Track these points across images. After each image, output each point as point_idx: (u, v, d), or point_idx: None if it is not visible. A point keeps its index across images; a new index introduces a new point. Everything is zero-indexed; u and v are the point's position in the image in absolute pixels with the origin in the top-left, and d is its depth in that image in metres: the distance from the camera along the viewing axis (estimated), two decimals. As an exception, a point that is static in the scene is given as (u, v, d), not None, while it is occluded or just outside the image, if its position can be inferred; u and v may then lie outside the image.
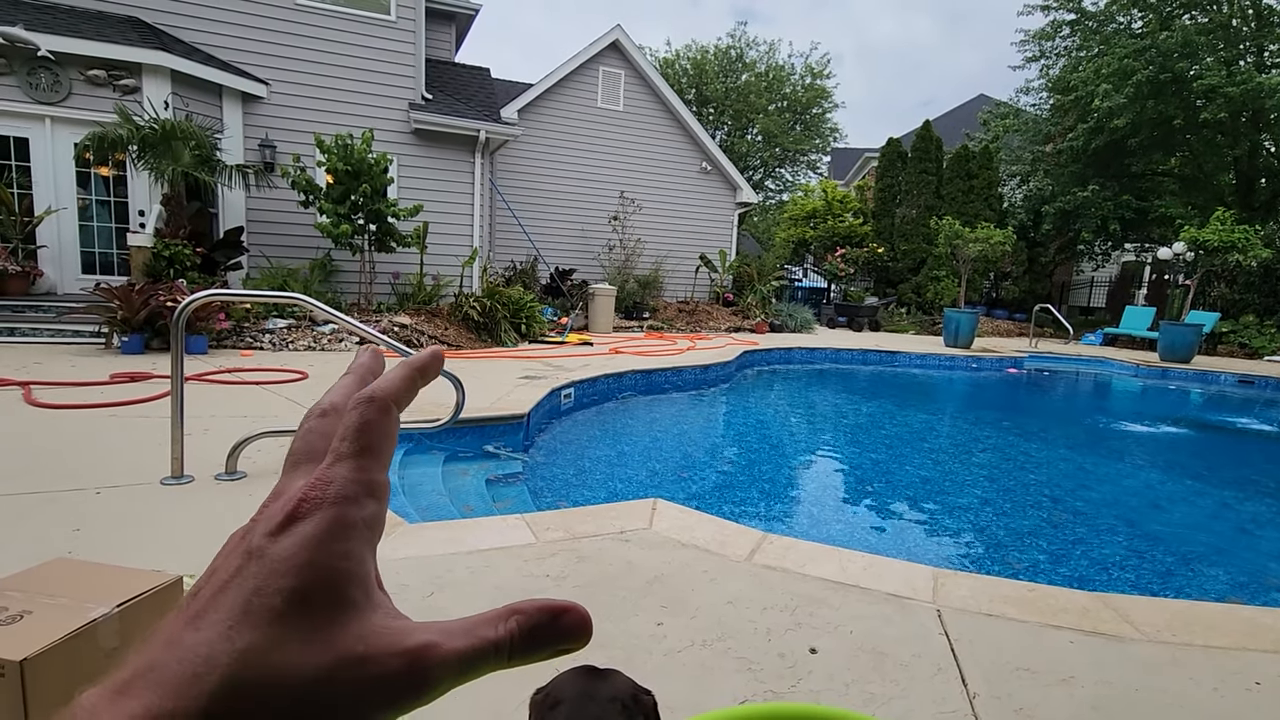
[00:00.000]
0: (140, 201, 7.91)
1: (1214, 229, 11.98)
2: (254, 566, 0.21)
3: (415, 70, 9.57)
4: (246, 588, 0.21)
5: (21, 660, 1.12)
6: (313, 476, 0.23)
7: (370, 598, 0.22)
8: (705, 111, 28.18)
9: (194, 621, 0.20)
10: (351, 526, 0.22)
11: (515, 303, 8.84)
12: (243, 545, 0.22)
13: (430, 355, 0.27)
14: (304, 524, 0.22)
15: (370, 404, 0.24)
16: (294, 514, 0.22)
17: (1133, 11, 15.16)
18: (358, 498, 0.23)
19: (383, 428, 0.24)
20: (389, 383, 0.26)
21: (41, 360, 5.39)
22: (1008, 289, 17.34)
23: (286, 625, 0.20)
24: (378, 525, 0.24)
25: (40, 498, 2.51)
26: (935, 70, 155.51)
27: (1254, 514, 4.13)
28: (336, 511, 0.22)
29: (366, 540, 0.23)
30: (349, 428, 0.24)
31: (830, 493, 4.39)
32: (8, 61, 7.30)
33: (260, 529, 0.22)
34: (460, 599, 1.91)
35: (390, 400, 0.25)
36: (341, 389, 0.27)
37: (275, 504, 0.23)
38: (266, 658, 0.20)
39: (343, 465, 0.23)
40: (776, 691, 1.56)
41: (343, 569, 0.22)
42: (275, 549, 0.21)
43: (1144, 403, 8.96)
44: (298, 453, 0.25)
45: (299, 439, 0.25)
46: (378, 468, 0.24)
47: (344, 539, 0.22)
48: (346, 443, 0.24)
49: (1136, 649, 1.82)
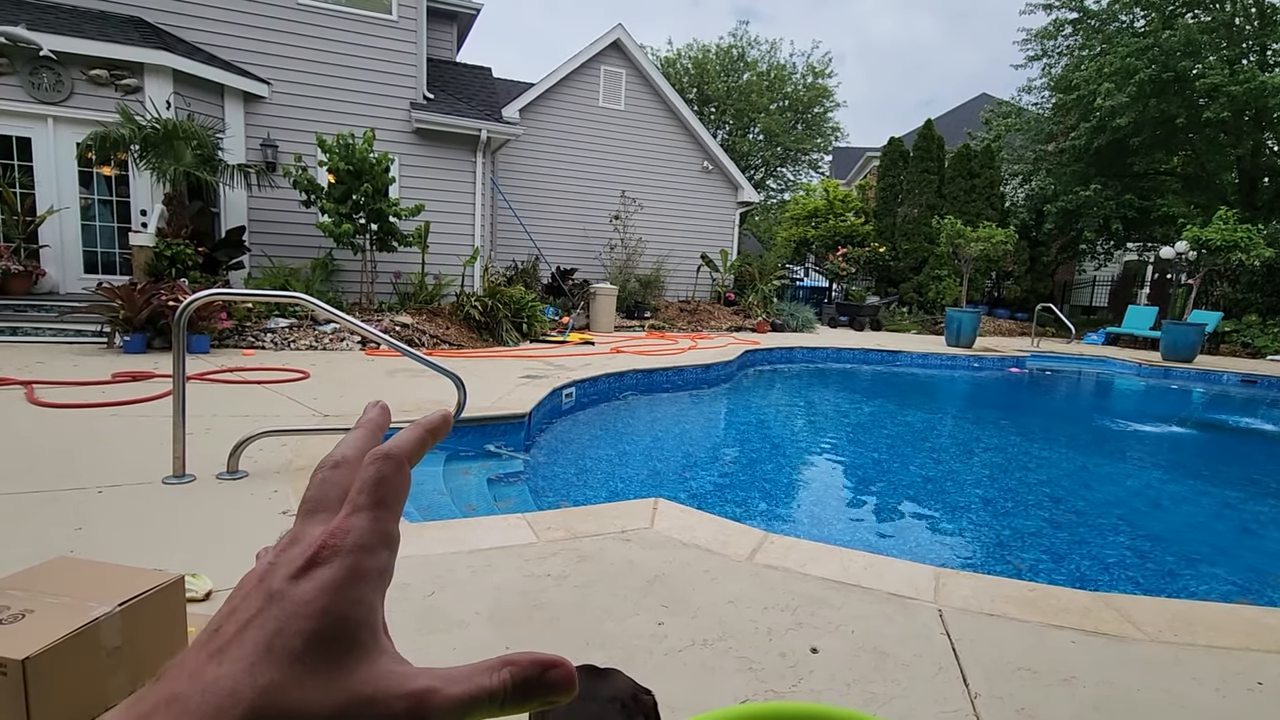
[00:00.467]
0: (142, 201, 7.92)
1: (1216, 228, 11.94)
2: (275, 609, 0.22)
3: (417, 70, 9.58)
4: (269, 628, 0.22)
5: (24, 659, 1.12)
6: (331, 525, 0.25)
7: (378, 642, 0.24)
8: (707, 111, 28.16)
9: (217, 656, 0.21)
10: (366, 575, 0.24)
11: (517, 302, 8.84)
12: (263, 587, 0.23)
13: (440, 418, 0.30)
14: (323, 570, 0.23)
15: (387, 460, 0.26)
16: (314, 559, 0.23)
17: (1135, 10, 15.12)
18: (373, 548, 0.24)
19: (397, 482, 0.26)
20: (403, 441, 0.28)
21: (44, 359, 5.41)
22: (1009, 288, 17.32)
23: (305, 665, 0.21)
24: (388, 574, 0.25)
25: (42, 496, 2.52)
26: (937, 69, 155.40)
27: (1257, 514, 4.12)
28: (354, 560, 0.24)
29: (378, 588, 0.24)
30: (366, 481, 0.26)
31: (832, 492, 4.39)
32: (10, 61, 7.31)
33: (281, 572, 0.23)
34: (461, 598, 1.91)
35: (404, 457, 0.27)
36: (353, 442, 0.29)
37: (294, 549, 0.24)
38: (286, 695, 0.21)
39: (360, 516, 0.25)
40: (778, 691, 1.56)
41: (356, 615, 0.23)
42: (296, 592, 0.23)
43: (1146, 402, 8.94)
44: (312, 501, 0.27)
45: (313, 488, 0.27)
46: (392, 519, 0.25)
47: (359, 586, 0.23)
48: (364, 495, 0.25)
49: (1138, 649, 1.82)
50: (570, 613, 1.86)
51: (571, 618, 1.84)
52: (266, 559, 0.24)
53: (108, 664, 1.29)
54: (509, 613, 1.84)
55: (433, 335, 7.66)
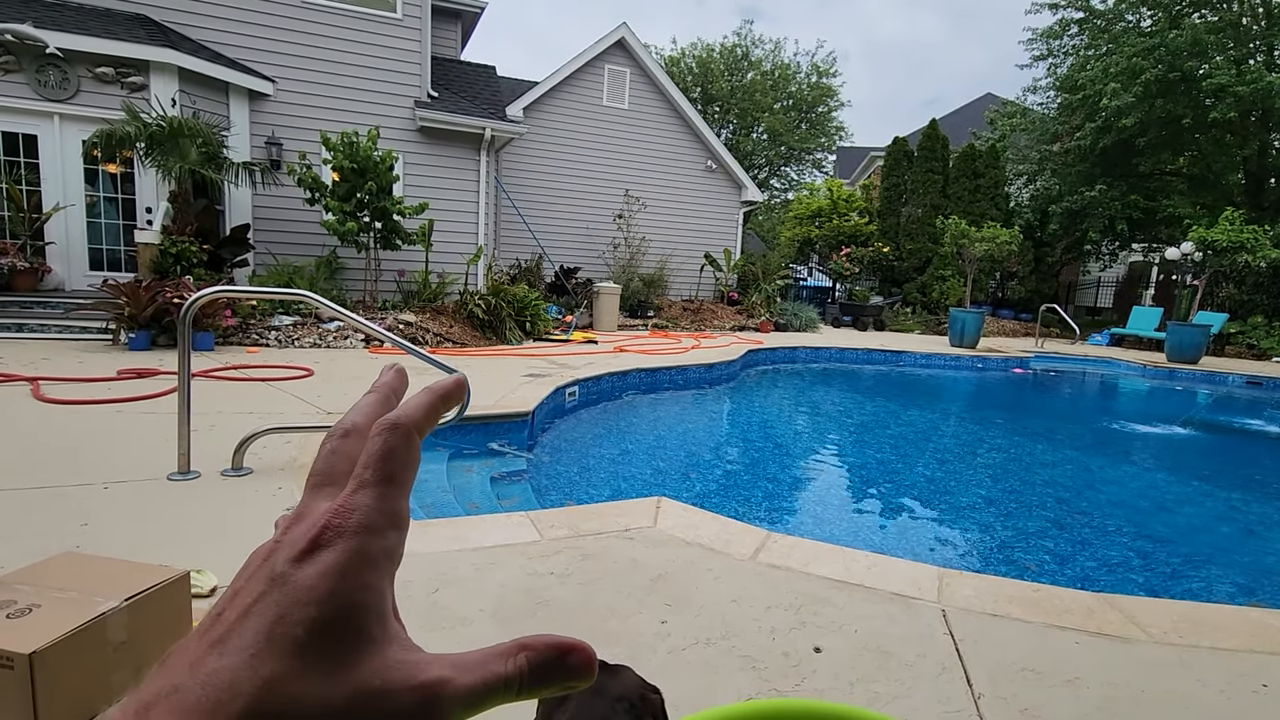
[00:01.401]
0: (147, 199, 7.94)
1: (1222, 229, 11.89)
2: (277, 594, 0.21)
3: (421, 68, 9.58)
4: (270, 615, 0.21)
5: (31, 653, 1.12)
6: (336, 503, 0.23)
7: (386, 630, 0.22)
8: (710, 110, 28.14)
9: (217, 645, 0.20)
10: (372, 557, 0.22)
11: (520, 301, 8.85)
12: (265, 568, 0.22)
13: (454, 383, 0.28)
14: (327, 552, 0.22)
15: (394, 431, 0.24)
16: (317, 540, 0.22)
17: (1141, 10, 15.05)
18: (380, 528, 0.23)
19: (405, 455, 0.24)
20: (412, 409, 0.26)
21: (49, 356, 5.43)
22: (1014, 289, 17.27)
23: (308, 656, 0.20)
24: (397, 555, 0.24)
25: (49, 492, 2.53)
26: (942, 69, 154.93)
27: (1262, 515, 4.10)
28: (359, 542, 0.22)
29: (386, 571, 0.23)
30: (372, 455, 0.24)
31: (835, 492, 4.38)
32: (16, 59, 7.34)
33: (284, 554, 0.22)
34: (464, 596, 1.91)
35: (413, 427, 0.25)
36: (364, 409, 0.27)
37: (298, 527, 0.23)
38: (288, 688, 0.20)
39: (365, 493, 0.23)
40: (781, 690, 1.56)
41: (362, 601, 0.22)
42: (299, 576, 0.21)
43: (1151, 403, 8.91)
44: (320, 474, 0.25)
45: (321, 460, 0.26)
46: (400, 496, 0.24)
47: (365, 570, 0.22)
48: (370, 470, 0.24)
49: (1143, 650, 1.81)
50: (574, 611, 1.87)
51: (575, 616, 1.84)
52: (274, 536, 0.23)
53: (114, 659, 1.30)
54: (512, 610, 1.85)
55: (436, 333, 7.68)
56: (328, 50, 9.10)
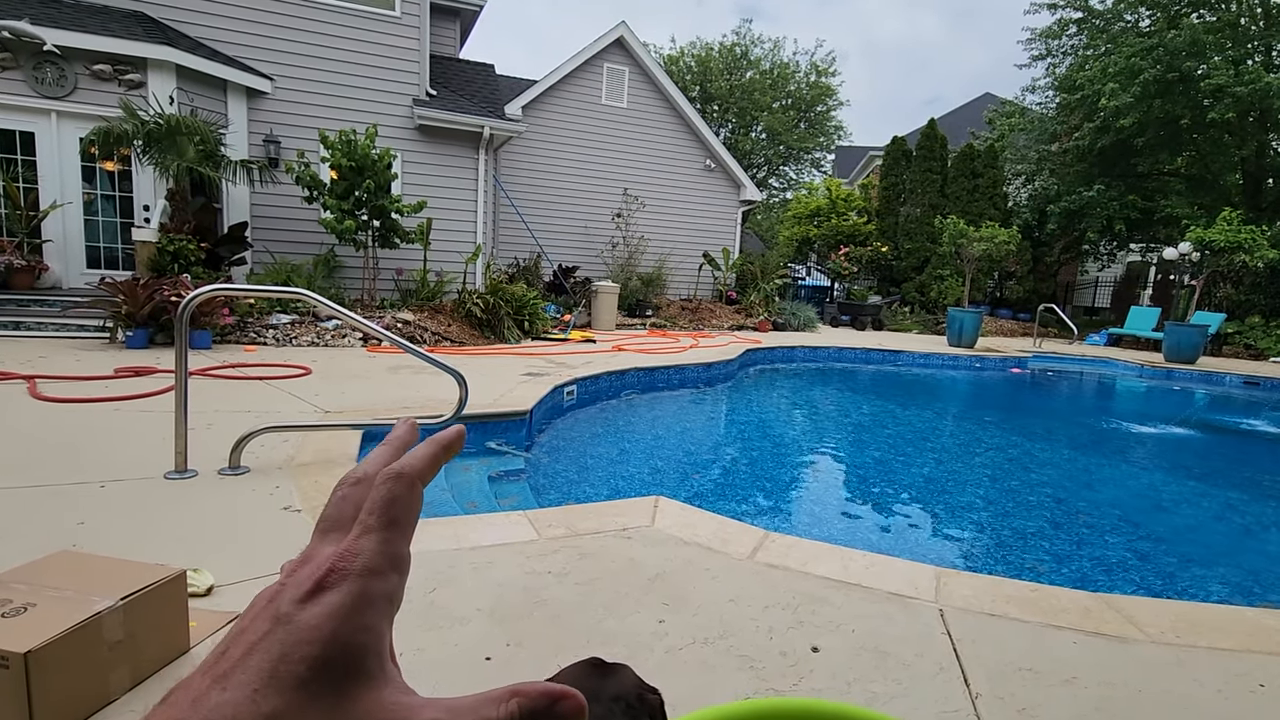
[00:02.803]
0: (145, 196, 7.92)
1: (1220, 229, 11.91)
2: (281, 633, 0.22)
3: (419, 66, 9.57)
4: (274, 653, 0.21)
5: (26, 652, 1.12)
6: (340, 547, 0.24)
7: (384, 671, 0.23)
8: (709, 109, 28.13)
9: (221, 681, 0.21)
10: (374, 600, 0.23)
11: (518, 299, 8.84)
12: (271, 608, 0.23)
13: (455, 434, 0.29)
14: (331, 594, 0.23)
15: (398, 480, 0.26)
16: (322, 583, 0.23)
17: (1140, 10, 15.07)
18: (382, 571, 0.24)
19: (408, 502, 0.26)
20: (416, 459, 0.27)
21: (46, 354, 5.41)
22: (1012, 289, 17.29)
23: (309, 693, 0.21)
24: (397, 598, 0.25)
25: (45, 491, 2.52)
26: (941, 68, 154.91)
27: (1259, 515, 4.11)
28: (362, 584, 0.23)
29: (385, 613, 0.24)
30: (376, 501, 0.25)
31: (833, 491, 4.38)
32: (13, 56, 7.32)
33: (289, 594, 0.23)
34: (462, 595, 1.91)
35: (416, 476, 0.26)
36: (375, 459, 0.28)
37: (304, 570, 0.24)
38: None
39: (370, 538, 0.24)
40: (778, 689, 1.56)
41: (363, 642, 0.23)
42: (302, 616, 0.22)
43: (1148, 403, 8.92)
44: (328, 519, 0.26)
45: (331, 506, 0.27)
46: (402, 541, 0.25)
47: (366, 612, 0.23)
48: (374, 516, 0.25)
49: (1140, 650, 1.82)
50: (571, 610, 1.86)
51: (573, 615, 1.84)
52: (279, 578, 0.24)
53: (109, 657, 1.29)
54: (510, 609, 1.84)
55: (434, 332, 7.67)
56: (326, 48, 9.09)
